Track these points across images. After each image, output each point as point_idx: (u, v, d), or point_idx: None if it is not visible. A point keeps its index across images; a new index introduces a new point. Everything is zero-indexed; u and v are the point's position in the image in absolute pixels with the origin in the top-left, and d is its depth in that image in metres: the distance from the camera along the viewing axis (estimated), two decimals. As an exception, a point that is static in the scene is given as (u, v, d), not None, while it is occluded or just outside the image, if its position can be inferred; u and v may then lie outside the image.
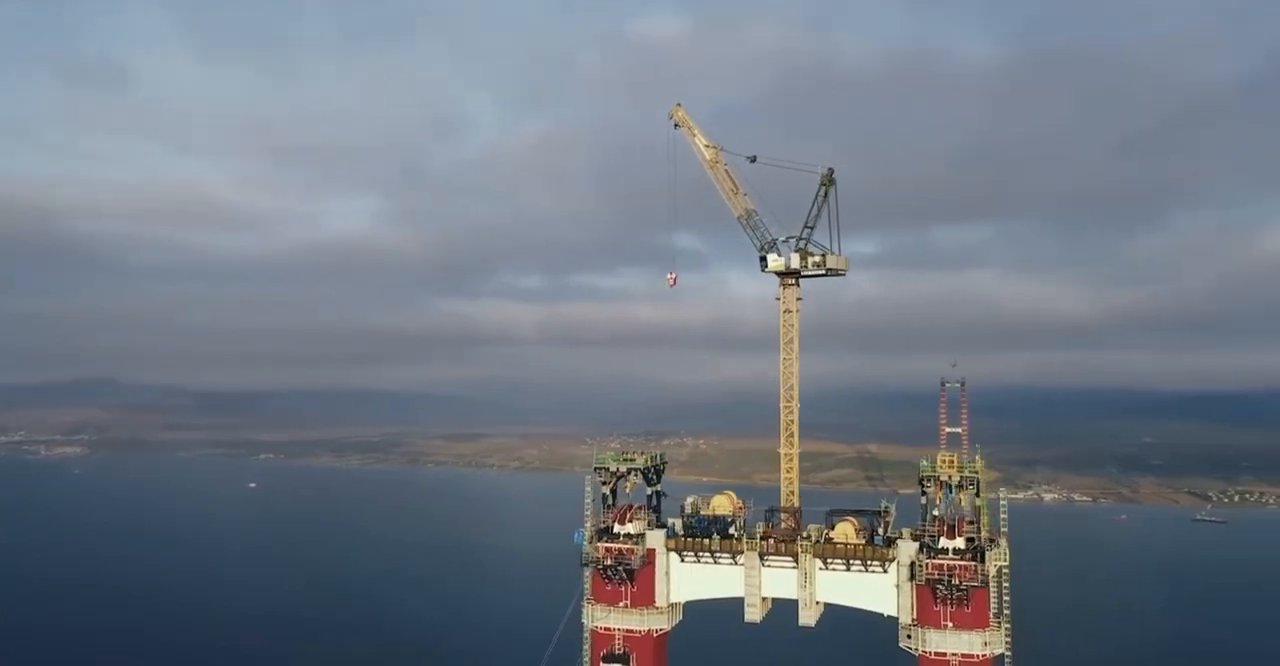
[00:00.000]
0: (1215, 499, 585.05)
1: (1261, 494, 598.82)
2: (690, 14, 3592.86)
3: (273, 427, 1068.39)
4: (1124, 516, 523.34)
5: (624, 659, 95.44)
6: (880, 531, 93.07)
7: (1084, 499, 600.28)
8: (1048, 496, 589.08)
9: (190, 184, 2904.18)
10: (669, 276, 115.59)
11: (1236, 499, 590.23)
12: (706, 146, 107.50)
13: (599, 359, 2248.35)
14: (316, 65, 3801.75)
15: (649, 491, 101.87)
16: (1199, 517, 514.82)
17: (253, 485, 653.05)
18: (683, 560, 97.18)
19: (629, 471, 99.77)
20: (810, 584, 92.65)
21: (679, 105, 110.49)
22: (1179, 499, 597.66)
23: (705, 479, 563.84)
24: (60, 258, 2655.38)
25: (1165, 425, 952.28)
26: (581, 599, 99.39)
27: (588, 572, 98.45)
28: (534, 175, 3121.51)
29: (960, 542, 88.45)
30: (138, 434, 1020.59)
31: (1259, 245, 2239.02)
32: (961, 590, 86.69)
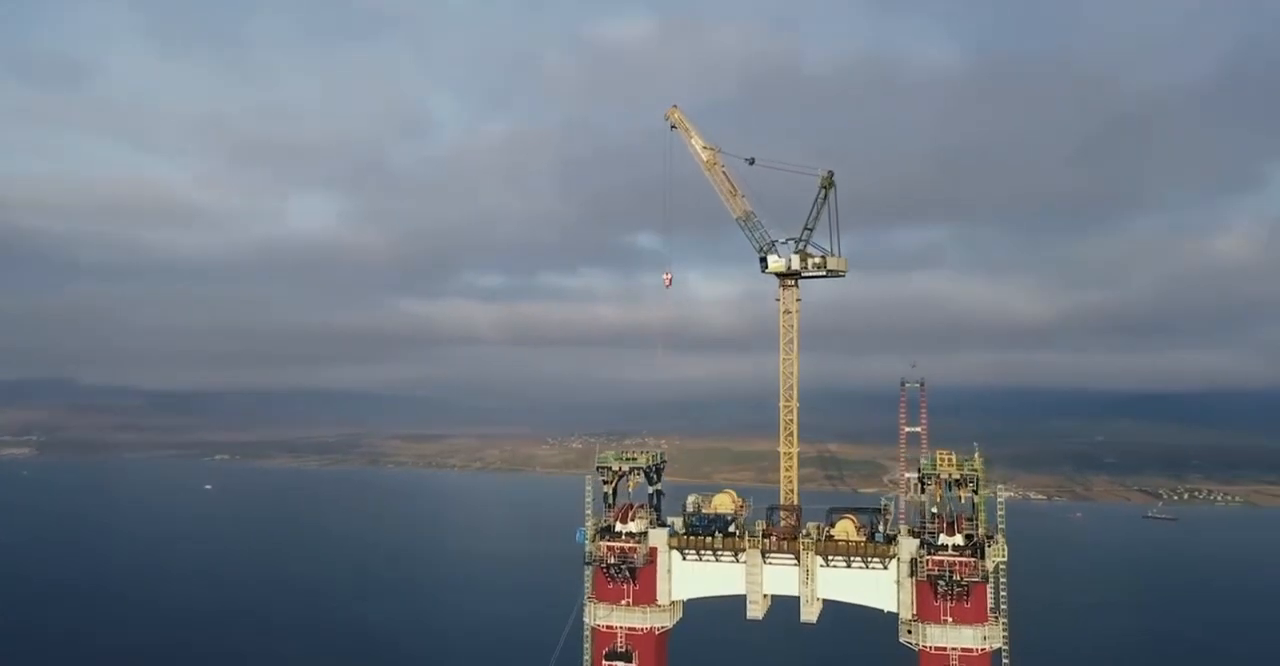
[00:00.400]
0: (1165, 496, 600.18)
1: (1209, 491, 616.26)
2: (654, 15, 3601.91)
3: (228, 428, 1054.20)
4: (1079, 514, 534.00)
5: (626, 656, 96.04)
6: (880, 528, 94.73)
7: (1039, 497, 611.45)
8: (1003, 494, 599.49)
9: (149, 181, 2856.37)
10: (665, 276, 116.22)
11: (1186, 496, 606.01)
12: (704, 148, 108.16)
13: (560, 359, 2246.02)
14: (279, 62, 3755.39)
15: (650, 490, 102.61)
16: (1150, 515, 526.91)
17: (208, 487, 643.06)
18: (684, 558, 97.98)
19: (631, 470, 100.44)
20: (812, 581, 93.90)
21: (675, 106, 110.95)
22: (1131, 496, 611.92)
23: (667, 479, 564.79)
24: (10, 255, 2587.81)
25: (1117, 424, 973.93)
26: (583, 597, 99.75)
27: (589, 571, 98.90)
28: (497, 175, 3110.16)
29: (959, 539, 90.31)
30: (89, 435, 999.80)
31: (1208, 248, 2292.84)
32: (962, 585, 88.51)
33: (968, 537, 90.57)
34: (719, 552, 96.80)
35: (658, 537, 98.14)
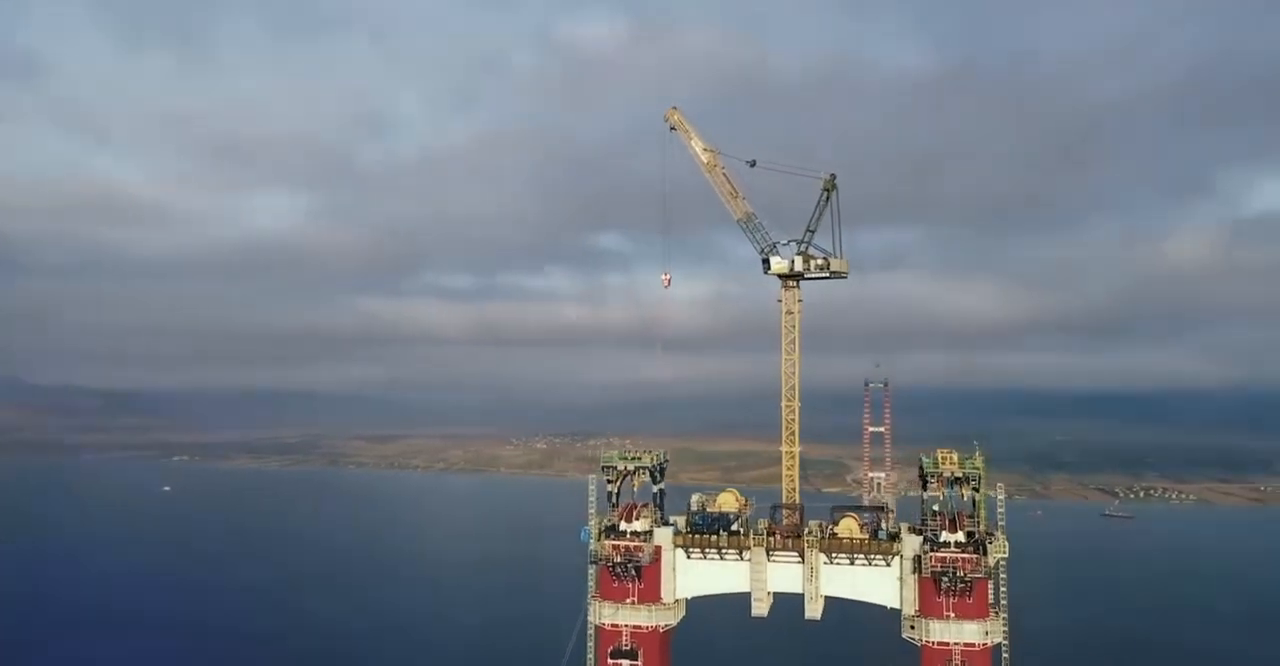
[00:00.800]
0: (1122, 495, 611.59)
1: (1165, 489, 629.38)
2: (625, 17, 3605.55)
3: (186, 429, 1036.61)
4: (1039, 512, 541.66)
5: (631, 654, 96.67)
6: (883, 526, 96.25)
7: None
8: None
9: (107, 179, 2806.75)
10: (664, 277, 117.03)
11: (1142, 494, 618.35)
12: (704, 150, 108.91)
13: (524, 359, 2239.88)
14: (245, 60, 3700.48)
15: (654, 490, 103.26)
16: (1107, 513, 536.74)
17: (167, 488, 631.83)
18: (689, 557, 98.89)
19: (636, 470, 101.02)
20: (816, 578, 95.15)
21: (675, 108, 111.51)
22: (1089, 495, 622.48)
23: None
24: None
25: (1076, 424, 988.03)
26: (587, 596, 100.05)
27: (594, 570, 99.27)
28: (464, 175, 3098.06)
29: (961, 536, 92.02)
30: (42, 435, 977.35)
31: (1162, 251, 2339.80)
32: (965, 582, 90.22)
33: (969, 535, 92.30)
34: (724, 551, 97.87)
35: (662, 536, 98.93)
